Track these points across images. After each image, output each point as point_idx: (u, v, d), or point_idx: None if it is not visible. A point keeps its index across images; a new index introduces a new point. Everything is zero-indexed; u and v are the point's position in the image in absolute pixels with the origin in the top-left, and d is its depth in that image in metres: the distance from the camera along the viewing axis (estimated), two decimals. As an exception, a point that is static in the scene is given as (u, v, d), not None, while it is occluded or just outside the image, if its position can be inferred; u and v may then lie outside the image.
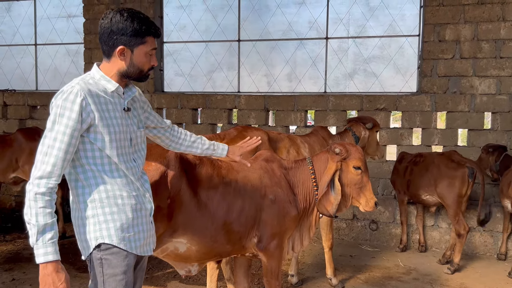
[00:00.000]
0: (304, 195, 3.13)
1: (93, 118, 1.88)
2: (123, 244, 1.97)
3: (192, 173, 2.74)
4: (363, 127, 4.65)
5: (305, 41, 6.57)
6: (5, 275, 4.34)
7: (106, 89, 1.95)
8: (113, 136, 1.94)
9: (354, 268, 4.78)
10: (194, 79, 7.10)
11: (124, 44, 1.92)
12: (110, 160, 1.96)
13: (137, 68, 1.97)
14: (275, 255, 2.99)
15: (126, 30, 1.91)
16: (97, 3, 6.94)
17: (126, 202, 2.00)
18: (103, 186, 1.95)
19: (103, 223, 1.95)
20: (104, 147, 1.93)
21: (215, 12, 6.87)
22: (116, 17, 1.91)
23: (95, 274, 1.97)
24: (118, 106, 1.99)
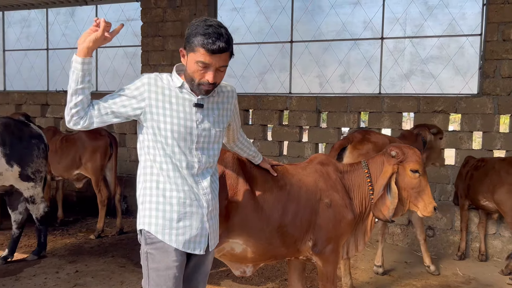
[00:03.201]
0: (360, 199, 3.08)
1: (148, 105, 2.00)
2: (161, 235, 2.01)
3: (248, 175, 2.77)
4: (428, 132, 4.69)
5: (359, 42, 6.46)
6: (69, 267, 4.59)
7: (174, 84, 2.04)
8: (168, 126, 2.01)
9: (410, 275, 4.64)
10: (246, 80, 7.16)
11: (184, 46, 2.00)
12: (164, 151, 2.02)
13: (189, 74, 1.99)
14: (330, 259, 2.97)
15: (190, 34, 1.95)
16: (154, 6, 7.16)
17: (174, 195, 2.04)
18: (155, 176, 2.04)
19: (147, 210, 2.04)
20: (160, 135, 2.01)
21: (268, 13, 6.90)
22: (198, 21, 1.97)
23: (143, 267, 2.08)
24: (186, 102, 2.03)
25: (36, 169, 4.54)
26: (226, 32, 1.96)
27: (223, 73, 2.02)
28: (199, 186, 2.10)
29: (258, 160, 2.78)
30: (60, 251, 5.10)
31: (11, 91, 8.43)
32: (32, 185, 4.55)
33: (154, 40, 7.22)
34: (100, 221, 5.70)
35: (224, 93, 2.19)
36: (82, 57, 1.89)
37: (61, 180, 6.19)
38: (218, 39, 1.91)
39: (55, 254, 4.99)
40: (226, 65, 2.01)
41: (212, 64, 1.94)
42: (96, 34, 1.88)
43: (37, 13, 8.40)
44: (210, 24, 1.93)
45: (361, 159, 3.38)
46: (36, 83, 8.40)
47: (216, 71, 1.97)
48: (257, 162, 2.78)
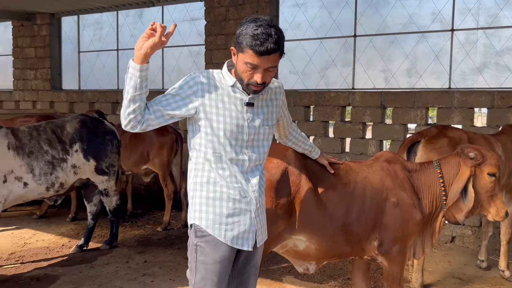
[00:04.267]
0: (430, 200, 2.97)
1: (202, 104, 2.02)
2: (212, 229, 2.05)
3: (311, 172, 2.75)
4: None
5: (427, 34, 6.17)
6: (138, 257, 4.83)
7: (226, 83, 2.06)
8: (221, 125, 2.03)
9: (482, 279, 4.40)
10: (308, 76, 7.10)
11: (235, 46, 2.02)
12: (215, 148, 2.05)
13: (238, 73, 2.01)
14: (397, 260, 2.89)
15: (240, 34, 1.97)
16: (218, 5, 7.30)
17: (224, 191, 2.08)
18: (206, 172, 2.08)
19: (197, 205, 2.08)
20: (212, 134, 2.04)
21: (330, 8, 6.79)
22: (249, 21, 1.98)
23: (190, 257, 2.12)
24: (238, 100, 2.06)
25: (110, 163, 4.82)
26: (276, 32, 1.92)
27: (272, 73, 2.01)
28: (249, 183, 2.13)
29: (315, 155, 2.74)
30: (129, 242, 5.38)
31: (85, 90, 8.98)
32: (106, 179, 4.83)
33: (217, 38, 7.36)
34: (167, 214, 5.93)
35: (271, 89, 2.19)
36: (140, 64, 1.88)
37: (131, 174, 6.51)
38: (266, 40, 1.89)
39: (125, 245, 5.26)
40: (276, 66, 1.99)
41: (260, 65, 1.93)
42: (154, 40, 1.88)
43: (108, 16, 8.87)
44: (260, 24, 1.92)
45: (434, 154, 3.27)
46: (107, 82, 8.88)
47: (265, 72, 1.96)
48: (314, 157, 2.75)
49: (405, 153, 4.03)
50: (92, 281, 4.19)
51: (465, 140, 3.93)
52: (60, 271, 4.44)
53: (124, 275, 4.35)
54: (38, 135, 4.45)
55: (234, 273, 2.21)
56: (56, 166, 4.44)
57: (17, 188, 4.27)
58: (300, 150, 2.68)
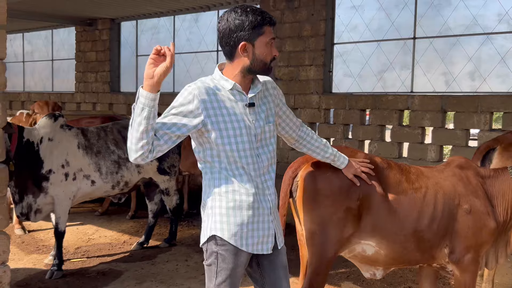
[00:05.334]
0: (505, 207, 2.85)
1: (206, 115, 1.95)
2: (234, 240, 2.02)
3: (380, 176, 2.71)
4: None
5: (492, 36, 5.92)
6: (196, 256, 4.93)
7: (224, 87, 2.02)
8: (231, 132, 1.99)
9: (554, 295, 4.15)
10: (364, 79, 7.00)
11: (245, 39, 1.95)
12: (229, 156, 2.00)
13: (260, 61, 1.99)
14: (469, 269, 2.79)
15: (244, 25, 1.93)
16: (273, 9, 7.34)
17: (244, 199, 2.03)
18: (224, 180, 2.02)
19: (217, 215, 2.03)
20: (223, 143, 1.98)
21: (389, 10, 6.67)
22: (231, 16, 1.96)
23: (210, 264, 2.06)
24: (239, 103, 2.02)
25: (171, 163, 4.97)
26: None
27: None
28: (265, 186, 2.11)
29: (341, 164, 2.50)
30: (187, 241, 5.51)
31: (142, 92, 9.29)
32: (167, 178, 4.98)
33: (272, 41, 7.40)
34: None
35: (263, 84, 2.14)
36: (155, 93, 1.85)
37: (187, 174, 6.67)
38: (266, 12, 2.01)
39: (183, 243, 5.39)
40: None
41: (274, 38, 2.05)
42: (166, 65, 1.85)
43: (165, 21, 9.15)
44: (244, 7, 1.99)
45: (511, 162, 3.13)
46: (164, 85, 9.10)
47: None
48: (341, 167, 2.51)
49: (480, 160, 3.88)
50: (154, 278, 4.33)
51: None
52: (123, 267, 4.61)
53: (184, 273, 4.46)
54: (105, 135, 4.67)
55: (264, 280, 2.17)
56: (122, 166, 4.63)
57: (85, 185, 4.48)
58: (320, 158, 2.46)
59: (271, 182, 2.14)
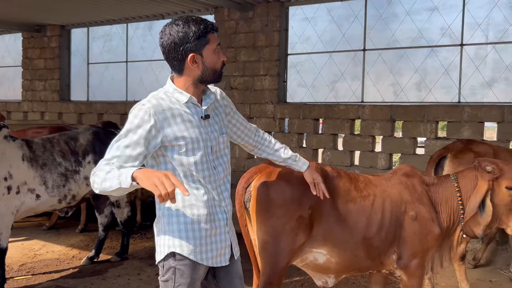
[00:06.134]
0: (448, 214, 2.98)
1: (164, 135, 1.90)
2: (193, 255, 2.00)
3: (330, 185, 2.76)
4: None
5: (436, 49, 6.22)
6: (149, 269, 4.81)
7: (179, 100, 1.97)
8: (189, 146, 1.95)
9: (495, 295, 4.37)
10: (317, 89, 7.14)
11: (193, 51, 1.92)
12: (185, 171, 1.97)
13: (211, 69, 1.98)
14: (416, 274, 2.89)
15: (188, 36, 1.90)
16: (228, 18, 7.37)
17: (201, 213, 2.01)
18: (180, 196, 1.96)
19: (176, 231, 1.98)
20: (180, 158, 1.95)
21: (340, 22, 6.86)
22: (173, 29, 1.92)
23: (167, 280, 2.00)
24: (195, 116, 2.00)
25: (122, 175, 4.82)
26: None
27: None
28: (221, 197, 2.09)
29: (301, 167, 2.51)
30: (140, 254, 5.37)
31: (94, 101, 9.03)
32: (118, 190, 4.83)
33: (227, 51, 7.41)
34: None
35: (214, 95, 2.13)
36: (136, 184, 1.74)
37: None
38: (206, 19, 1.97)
39: (136, 257, 5.25)
40: None
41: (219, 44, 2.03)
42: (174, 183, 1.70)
43: (118, 28, 8.96)
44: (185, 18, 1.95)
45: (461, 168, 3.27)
46: (116, 94, 8.93)
47: None
48: (302, 170, 2.52)
49: (433, 168, 4.06)
50: (104, 293, 4.18)
51: (490, 154, 3.97)
52: (71, 283, 4.42)
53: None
54: (51, 147, 4.48)
55: None
56: (69, 178, 4.45)
57: (30, 200, 4.27)
58: (280, 162, 2.48)
59: (227, 193, 2.14)
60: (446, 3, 6.13)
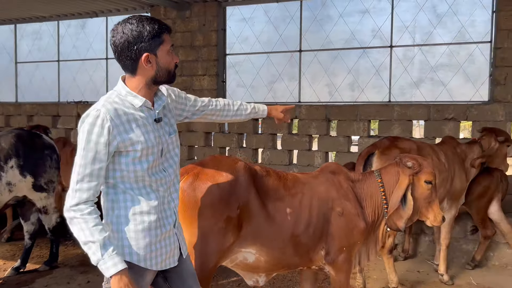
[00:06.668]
0: (373, 208, 3.07)
1: (120, 140, 1.85)
2: (144, 262, 1.95)
3: (259, 184, 2.77)
4: (494, 138, 4.75)
5: (368, 50, 6.47)
6: (80, 277, 4.60)
7: (134, 104, 1.91)
8: (144, 151, 1.90)
9: (423, 284, 4.59)
10: (256, 89, 7.20)
11: (147, 50, 1.87)
12: (137, 177, 1.92)
13: (165, 70, 1.93)
14: (343, 268, 2.95)
15: (143, 36, 1.85)
16: (164, 17, 7.24)
17: (152, 219, 1.96)
18: (130, 203, 1.93)
19: (125, 239, 1.93)
20: (134, 164, 1.90)
21: (276, 23, 6.95)
22: (126, 28, 1.86)
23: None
24: (149, 119, 1.95)
25: (49, 179, 4.58)
26: None
27: None
28: (170, 198, 2.06)
29: (263, 112, 2.63)
30: (71, 262, 5.12)
31: (23, 102, 8.54)
32: (45, 196, 4.59)
33: (164, 51, 7.28)
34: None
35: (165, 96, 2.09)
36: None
37: (73, 190, 6.22)
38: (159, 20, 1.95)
39: (67, 265, 5.00)
40: None
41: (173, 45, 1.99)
42: None
43: (49, 26, 8.54)
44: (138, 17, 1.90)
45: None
46: (47, 95, 8.50)
47: None
48: (264, 115, 2.64)
49: (362, 165, 4.19)
50: (29, 305, 3.94)
51: (414, 150, 4.17)
52: (-7, 296, 4.14)
53: (65, 297, 4.13)
54: (-31, 150, 4.16)
55: None
56: (-10, 184, 4.17)
57: None
58: (244, 117, 2.57)
59: (176, 194, 2.10)
60: (376, 6, 6.39)
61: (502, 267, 5.10)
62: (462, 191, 4.66)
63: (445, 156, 4.50)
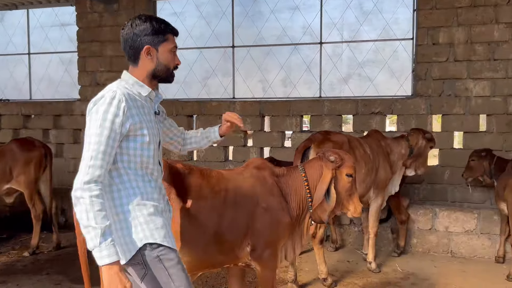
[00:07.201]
0: (298, 203, 3.10)
1: (132, 122, 1.92)
2: (166, 241, 2.00)
3: (181, 183, 2.71)
4: (422, 136, 4.94)
5: (299, 46, 6.56)
6: (-2, 288, 4.30)
7: (140, 93, 2.02)
8: (146, 138, 1.98)
9: (352, 274, 4.74)
10: (189, 86, 7.08)
11: (149, 43, 1.99)
12: (143, 163, 2.00)
13: (164, 66, 2.03)
14: (269, 264, 2.96)
15: (148, 30, 1.99)
16: (90, 11, 6.92)
17: (158, 204, 2.04)
18: (138, 189, 1.99)
19: (144, 224, 1.96)
20: (142, 150, 1.98)
21: (208, 18, 6.87)
22: (135, 22, 2.01)
23: (154, 274, 1.96)
24: (151, 110, 2.06)
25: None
26: None
27: None
28: (163, 189, 2.16)
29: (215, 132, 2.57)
30: (-11, 271, 4.78)
31: None
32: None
33: (91, 45, 6.97)
34: (35, 237, 5.40)
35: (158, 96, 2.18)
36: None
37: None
38: (169, 22, 2.08)
39: (-16, 275, 4.66)
40: None
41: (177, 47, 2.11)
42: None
43: (-38, 18, 7.88)
44: (149, 15, 2.06)
45: None
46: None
47: None
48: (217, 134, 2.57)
49: (300, 158, 4.28)
50: None
51: (346, 143, 4.38)
52: None
53: (-21, 311, 3.83)
54: None
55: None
56: None
57: None
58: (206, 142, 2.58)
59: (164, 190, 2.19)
60: (306, 3, 6.49)
61: (425, 252, 5.40)
62: (386, 181, 4.87)
63: (370, 149, 4.70)
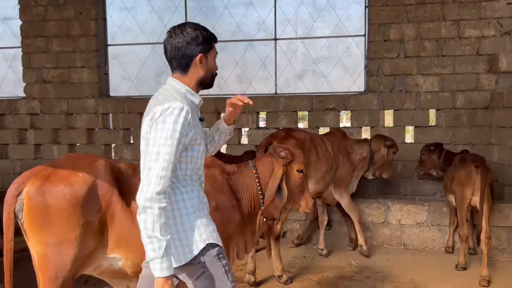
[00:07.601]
0: (249, 200, 3.05)
1: (193, 133, 1.98)
2: (221, 243, 2.10)
3: (124, 184, 2.59)
4: (383, 143, 5.08)
5: (254, 43, 6.51)
6: None
7: (193, 102, 2.06)
8: (201, 147, 2.07)
9: (308, 269, 4.75)
10: (142, 82, 6.88)
11: (201, 51, 2.07)
12: (198, 170, 2.09)
13: (210, 72, 2.13)
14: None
15: (199, 38, 2.06)
16: (34, 4, 6.58)
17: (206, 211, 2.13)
18: (196, 193, 2.06)
19: (205, 225, 2.04)
20: (197, 158, 2.05)
21: (161, 13, 6.69)
22: (186, 30, 2.07)
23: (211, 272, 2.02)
24: (197, 117, 2.10)
25: None
26: None
27: None
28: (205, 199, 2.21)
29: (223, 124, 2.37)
30: None
31: None
32: None
33: (36, 40, 6.63)
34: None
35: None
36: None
37: None
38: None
39: None
40: None
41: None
42: None
43: None
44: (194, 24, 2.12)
45: None
46: None
47: None
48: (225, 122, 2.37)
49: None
50: None
51: (308, 140, 4.41)
52: None
53: None
54: None
55: None
56: None
57: None
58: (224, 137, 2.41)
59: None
60: (260, -1, 6.44)
61: (378, 246, 5.49)
62: (346, 179, 4.94)
63: (331, 146, 4.77)
